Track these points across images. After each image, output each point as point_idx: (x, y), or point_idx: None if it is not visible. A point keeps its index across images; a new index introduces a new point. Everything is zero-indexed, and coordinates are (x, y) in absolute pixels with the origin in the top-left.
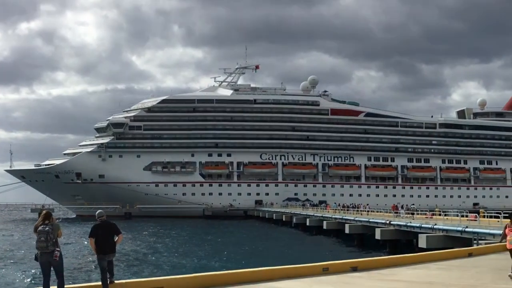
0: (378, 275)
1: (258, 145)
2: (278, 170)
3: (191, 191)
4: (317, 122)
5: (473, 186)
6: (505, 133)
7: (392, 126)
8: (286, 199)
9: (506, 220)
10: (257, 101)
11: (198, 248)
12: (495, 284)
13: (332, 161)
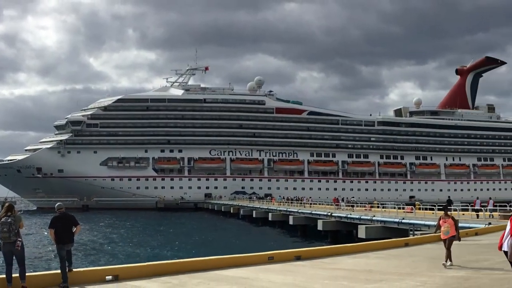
0: (320, 263)
1: (207, 141)
2: (226, 165)
3: (145, 185)
4: (263, 120)
5: (409, 180)
6: (439, 131)
7: (333, 124)
8: (234, 192)
9: (440, 212)
10: (207, 100)
11: (151, 238)
12: (430, 272)
13: (277, 157)
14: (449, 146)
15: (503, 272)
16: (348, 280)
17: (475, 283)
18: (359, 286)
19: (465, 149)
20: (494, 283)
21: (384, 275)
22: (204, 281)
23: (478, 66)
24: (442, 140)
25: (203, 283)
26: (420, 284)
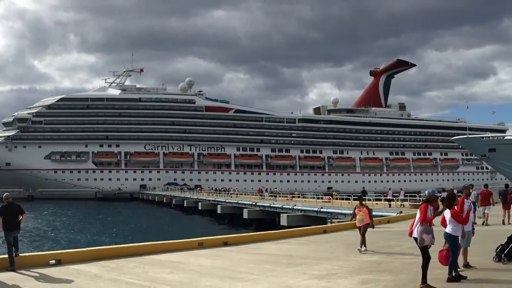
0: (246, 249)
1: (142, 137)
2: (160, 158)
3: (85, 177)
4: (193, 118)
5: (327, 172)
6: (354, 127)
7: (258, 121)
8: (167, 184)
9: (355, 202)
10: (142, 99)
11: (91, 226)
12: (346, 257)
13: (206, 151)
14: (363, 141)
15: (413, 257)
16: (271, 264)
17: (388, 267)
18: (281, 269)
19: (378, 144)
20: (405, 267)
21: (304, 259)
22: (139, 265)
23: (390, 68)
24: (357, 136)
25: (138, 267)
26: (337, 267)
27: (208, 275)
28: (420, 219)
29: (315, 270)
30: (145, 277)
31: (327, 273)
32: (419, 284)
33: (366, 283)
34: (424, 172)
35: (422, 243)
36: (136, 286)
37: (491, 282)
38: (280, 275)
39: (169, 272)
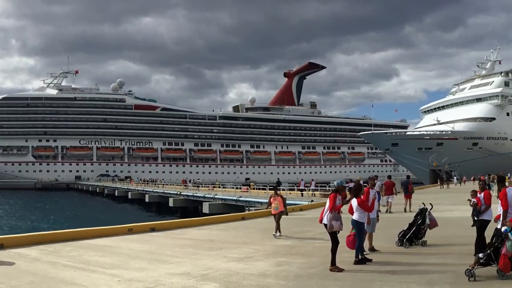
0: (171, 234)
1: (77, 133)
2: (93, 152)
3: (25, 169)
4: (124, 115)
5: (245, 165)
6: (270, 124)
7: (182, 118)
8: (100, 175)
9: (271, 191)
10: (77, 98)
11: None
12: (263, 242)
13: (135, 145)
14: (278, 137)
15: (323, 242)
16: (194, 248)
17: (300, 250)
18: (203, 253)
19: (291, 139)
20: (315, 251)
21: (224, 244)
22: (75, 249)
23: (302, 70)
24: (272, 131)
25: (74, 250)
26: (254, 251)
27: (137, 258)
28: (330, 207)
29: (234, 254)
30: (80, 260)
31: (245, 256)
32: (329, 266)
33: (280, 265)
34: (333, 165)
35: (332, 229)
36: (71, 268)
37: (394, 265)
38: (202, 258)
39: (102, 255)
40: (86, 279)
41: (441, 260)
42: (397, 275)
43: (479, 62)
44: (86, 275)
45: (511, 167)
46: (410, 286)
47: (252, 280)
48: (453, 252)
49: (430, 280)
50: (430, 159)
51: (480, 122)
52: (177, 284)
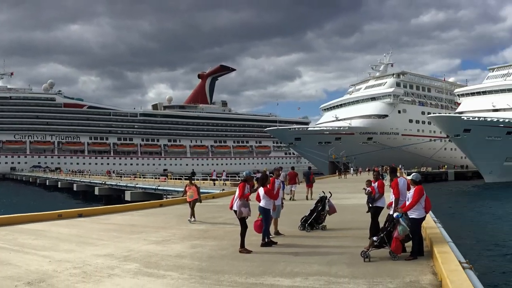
0: (97, 219)
1: (13, 128)
2: (27, 146)
3: None
4: (54, 112)
5: (163, 157)
6: (185, 120)
7: (107, 115)
8: (32, 166)
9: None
10: (12, 97)
11: None
12: (179, 226)
13: (65, 140)
14: (193, 132)
15: (233, 226)
16: (118, 232)
17: (212, 234)
18: (126, 236)
19: (205, 134)
20: (226, 234)
21: (144, 228)
22: (10, 233)
23: (214, 72)
24: (187, 127)
25: (9, 234)
26: (171, 235)
27: (66, 241)
28: (239, 195)
29: (153, 237)
30: (14, 243)
31: (163, 239)
32: (238, 248)
33: (195, 248)
34: (242, 157)
35: (241, 214)
36: (7, 250)
37: (297, 247)
38: (124, 241)
39: (34, 239)
40: (20, 260)
41: (339, 243)
42: (300, 256)
43: (373, 65)
44: (20, 256)
45: (402, 159)
46: (312, 266)
47: (170, 261)
48: (350, 235)
49: (329, 261)
50: (329, 152)
51: (374, 119)
52: (102, 264)
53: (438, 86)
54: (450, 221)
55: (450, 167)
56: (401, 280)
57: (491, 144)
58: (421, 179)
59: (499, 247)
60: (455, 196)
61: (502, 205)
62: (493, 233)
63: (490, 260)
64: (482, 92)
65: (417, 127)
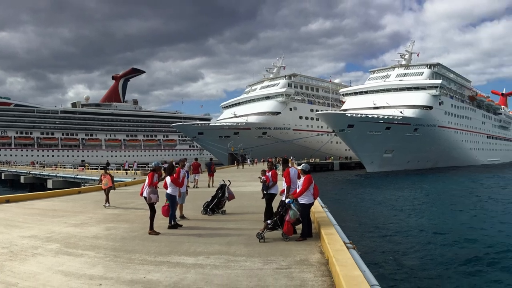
0: (23, 205)
1: None
2: None
3: None
4: None
5: (82, 149)
6: (101, 116)
7: (31, 112)
8: None
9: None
10: None
11: None
12: (95, 211)
13: None
14: (107, 127)
15: (143, 211)
16: (41, 216)
17: (125, 218)
18: (48, 220)
19: (118, 129)
20: (137, 218)
21: (65, 212)
22: None
23: (126, 74)
24: (103, 123)
25: None
26: (88, 218)
27: None
28: (148, 183)
29: (73, 220)
30: None
31: (81, 222)
32: (148, 231)
33: (109, 230)
34: (151, 149)
35: (150, 200)
36: None
37: (200, 229)
38: (47, 224)
39: None
40: None
41: (237, 226)
42: (202, 238)
43: (268, 68)
44: None
45: (293, 151)
46: (213, 246)
47: (87, 242)
48: (247, 219)
49: (229, 241)
50: (228, 145)
51: (268, 115)
52: (27, 245)
53: (325, 87)
54: (335, 206)
55: (336, 158)
56: (292, 259)
57: (372, 138)
58: (310, 169)
59: (379, 229)
60: (340, 184)
61: (382, 192)
62: (374, 217)
63: (371, 240)
64: (364, 92)
65: (306, 123)
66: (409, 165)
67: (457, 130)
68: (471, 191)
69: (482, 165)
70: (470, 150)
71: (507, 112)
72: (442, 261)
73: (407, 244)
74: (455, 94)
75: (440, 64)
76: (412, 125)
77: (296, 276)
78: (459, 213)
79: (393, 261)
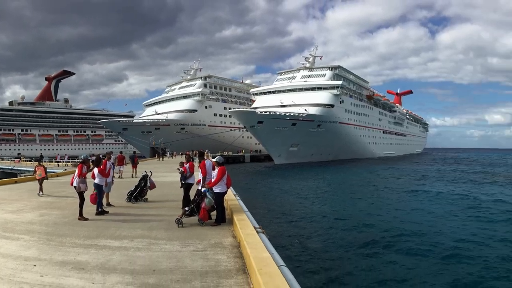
0: None
1: None
2: None
3: None
4: None
5: (18, 143)
6: (35, 114)
7: None
8: None
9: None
10: None
11: None
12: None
13: None
14: (41, 123)
15: (73, 199)
16: None
17: (57, 205)
18: None
19: (51, 125)
20: (68, 205)
21: (2, 200)
22: None
23: (58, 75)
24: (37, 119)
25: None
26: (24, 206)
27: None
28: (78, 174)
29: (9, 208)
30: None
31: (17, 209)
32: (77, 217)
33: (43, 216)
34: (81, 143)
35: (79, 189)
36: None
37: (125, 215)
38: None
39: None
40: None
41: (158, 212)
42: (127, 223)
43: (185, 70)
44: None
45: (208, 145)
46: (136, 230)
47: (23, 227)
48: (167, 206)
49: (150, 226)
50: (150, 140)
51: (186, 113)
52: None
53: (237, 87)
54: (246, 194)
55: (247, 152)
56: (208, 242)
57: (279, 133)
58: (223, 161)
59: (286, 215)
60: (251, 175)
61: (288, 182)
62: (281, 204)
63: (278, 225)
64: (272, 91)
65: (220, 120)
66: (313, 157)
67: (356, 126)
68: (368, 181)
69: (379, 157)
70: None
71: (401, 110)
72: (343, 244)
73: (311, 228)
74: (354, 94)
75: (340, 67)
76: (315, 122)
77: (211, 257)
78: (358, 201)
79: (298, 244)
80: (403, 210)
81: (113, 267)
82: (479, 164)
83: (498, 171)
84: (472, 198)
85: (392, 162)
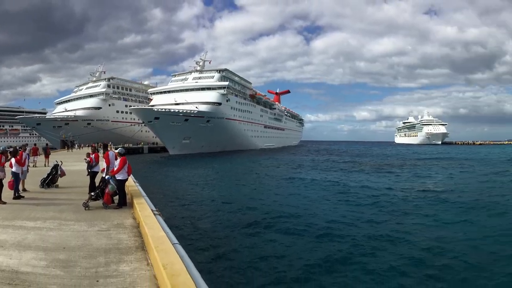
0: None
1: None
2: None
3: None
4: None
5: None
6: None
7: None
8: None
9: None
10: None
11: None
12: None
13: None
14: None
15: None
16: None
17: None
18: None
19: None
20: None
21: None
22: None
23: None
24: None
25: None
26: None
27: None
28: None
29: None
30: None
31: None
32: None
33: None
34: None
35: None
36: None
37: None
38: None
39: None
40: None
41: (68, 197)
42: (40, 206)
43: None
44: None
45: (111, 138)
46: (48, 213)
47: None
48: (76, 191)
49: (61, 209)
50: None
51: (92, 110)
52: None
53: (137, 87)
54: (145, 181)
55: (145, 144)
56: (111, 223)
57: (174, 128)
58: (124, 152)
59: (179, 199)
60: (149, 164)
61: (181, 170)
62: (175, 190)
63: (173, 208)
64: (168, 91)
65: (122, 116)
66: (203, 149)
67: (240, 121)
68: (251, 169)
69: (261, 149)
70: (251, 138)
71: (280, 107)
72: (229, 224)
73: (201, 211)
74: (239, 93)
75: (227, 70)
76: (205, 118)
77: (114, 236)
78: (242, 187)
79: (190, 225)
80: (281, 195)
81: (28, 245)
82: (348, 155)
83: (365, 161)
84: (342, 184)
85: (272, 153)
